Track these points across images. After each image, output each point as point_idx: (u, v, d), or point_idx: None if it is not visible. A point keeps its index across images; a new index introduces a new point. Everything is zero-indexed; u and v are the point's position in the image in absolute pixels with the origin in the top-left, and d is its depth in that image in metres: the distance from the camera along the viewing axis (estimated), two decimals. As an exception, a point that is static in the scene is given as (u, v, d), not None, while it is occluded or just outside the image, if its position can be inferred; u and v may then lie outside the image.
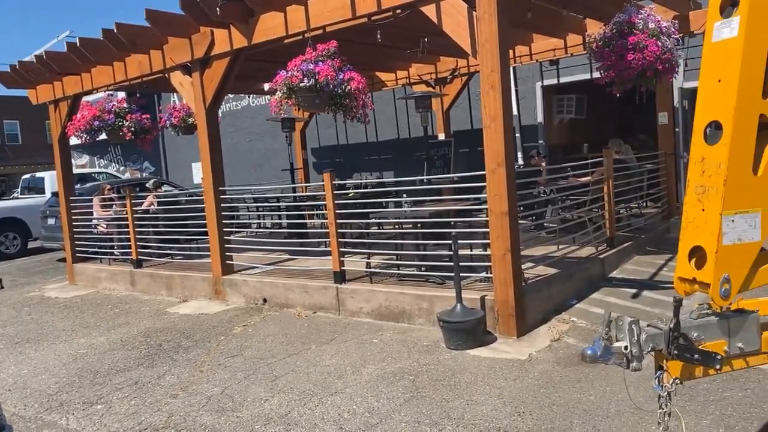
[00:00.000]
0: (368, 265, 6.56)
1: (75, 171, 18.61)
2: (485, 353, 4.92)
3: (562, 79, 11.21)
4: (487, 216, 5.34)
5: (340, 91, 6.01)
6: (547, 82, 11.44)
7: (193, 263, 8.33)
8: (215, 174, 7.53)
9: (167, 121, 11.48)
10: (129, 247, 8.93)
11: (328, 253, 6.53)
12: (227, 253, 7.60)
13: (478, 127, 12.59)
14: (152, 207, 9.60)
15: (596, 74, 11.04)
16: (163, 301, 8.06)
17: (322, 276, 6.76)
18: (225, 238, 7.59)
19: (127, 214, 8.80)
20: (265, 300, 7.13)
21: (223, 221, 7.60)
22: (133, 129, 8.46)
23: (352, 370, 4.81)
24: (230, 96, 16.85)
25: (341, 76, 5.98)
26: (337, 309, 6.42)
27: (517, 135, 11.72)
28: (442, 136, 11.54)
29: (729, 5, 2.21)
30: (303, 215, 9.33)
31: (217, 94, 7.34)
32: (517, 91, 11.70)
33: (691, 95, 10.14)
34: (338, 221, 6.42)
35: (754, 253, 2.29)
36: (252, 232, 11.61)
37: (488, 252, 5.40)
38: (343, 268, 6.47)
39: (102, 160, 21.53)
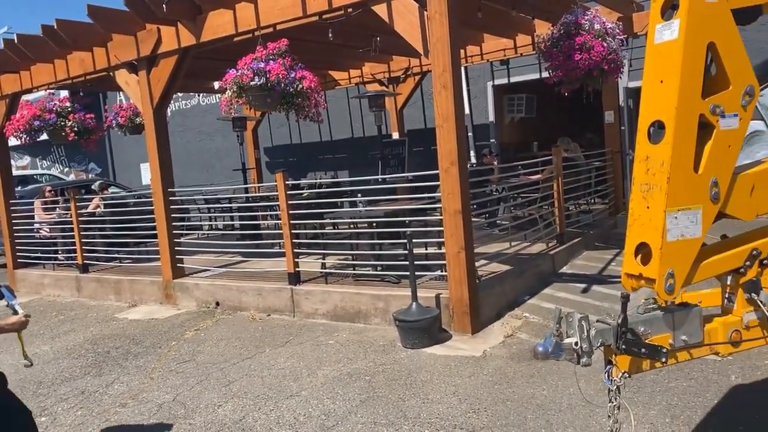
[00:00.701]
0: (323, 265, 6.52)
1: (15, 173, 17.84)
2: (441, 351, 4.95)
3: (513, 79, 11.40)
4: (441, 215, 5.37)
5: (291, 89, 5.94)
6: (498, 82, 11.61)
7: (142, 267, 8.10)
8: (164, 175, 7.34)
9: (113, 121, 11.15)
10: (74, 251, 8.60)
11: (283, 254, 6.45)
12: (178, 256, 7.42)
13: (432, 126, 12.64)
14: (98, 209, 9.29)
15: (545, 74, 11.32)
16: (111, 306, 7.80)
17: (277, 278, 6.68)
18: (175, 240, 7.40)
19: (71, 217, 8.48)
20: (217, 303, 6.99)
21: (174, 223, 7.41)
22: (76, 129, 8.15)
23: (307, 373, 4.76)
24: (179, 94, 16.48)
25: (292, 75, 5.91)
26: (292, 311, 6.35)
27: (470, 134, 11.86)
28: (396, 135, 11.57)
29: (669, 8, 2.27)
30: (256, 216, 9.19)
31: (165, 94, 7.15)
32: (469, 90, 11.84)
33: (635, 95, 10.47)
34: (292, 222, 6.34)
35: (696, 249, 2.36)
36: (204, 234, 11.39)
37: (443, 250, 5.43)
38: (297, 269, 6.40)
39: (45, 161, 20.72)
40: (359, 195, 6.01)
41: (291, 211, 6.32)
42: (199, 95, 16.05)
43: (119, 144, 17.57)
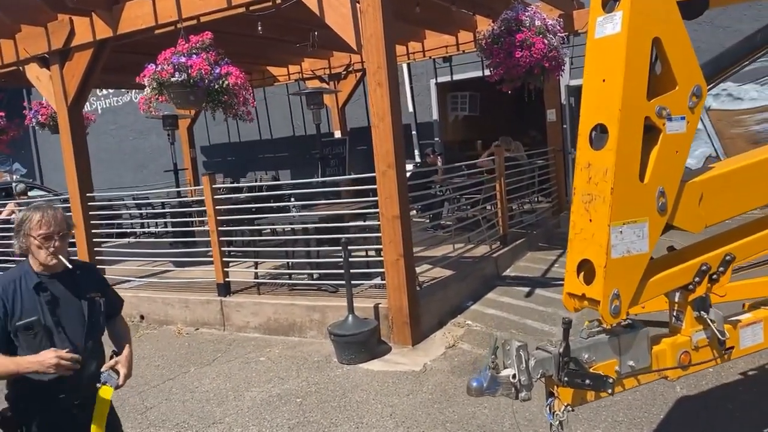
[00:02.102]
0: (256, 275, 6.11)
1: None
2: (379, 366, 4.65)
3: (456, 77, 11.22)
4: (379, 220, 5.07)
5: (216, 86, 5.51)
6: (440, 80, 11.41)
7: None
8: (81, 178, 6.77)
9: (33, 119, 10.38)
10: (-15, 262, 7.88)
11: (206, 259, 6.03)
12: (98, 267, 6.84)
13: (374, 124, 12.46)
14: (13, 216, 8.56)
15: (488, 71, 11.21)
16: (26, 322, 7.16)
17: (206, 288, 6.24)
18: (96, 249, 6.84)
19: (-20, 225, 7.77)
20: (142, 317, 6.49)
21: (94, 231, 6.85)
22: (-18, 128, 7.46)
23: (234, 395, 4.38)
24: (110, 90, 15.66)
25: (217, 71, 5.49)
26: (222, 324, 5.93)
27: (414, 132, 11.64)
28: (338, 134, 11.22)
29: None
30: (189, 221, 8.67)
31: (80, 90, 6.58)
32: (411, 87, 11.60)
33: (577, 93, 10.46)
34: (221, 228, 5.92)
35: (643, 266, 2.13)
36: (135, 239, 10.74)
37: (381, 257, 5.14)
38: (227, 279, 5.98)
39: (-36, 162, 19.34)
40: (292, 198, 5.63)
41: (220, 217, 5.89)
42: (131, 91, 15.23)
43: (47, 143, 16.54)
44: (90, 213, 6.79)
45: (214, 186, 5.83)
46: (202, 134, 13.97)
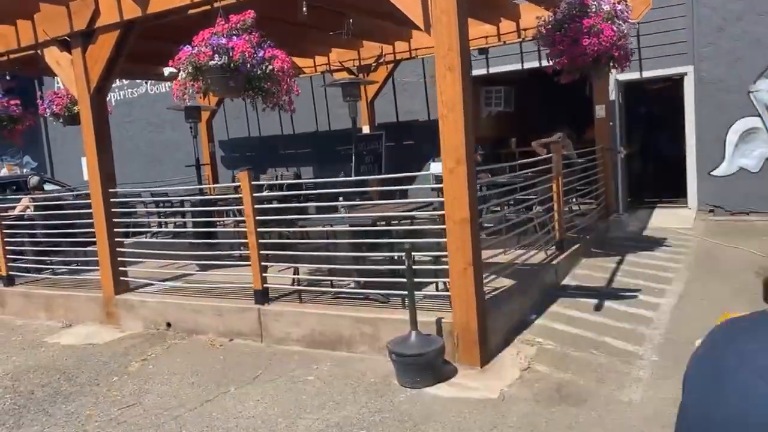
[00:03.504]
0: (297, 281, 5.54)
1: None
2: (448, 392, 4.07)
3: (492, 69, 10.63)
4: (442, 223, 4.50)
5: (259, 72, 4.94)
6: (475, 73, 10.79)
7: (78, 279, 6.93)
8: (104, 173, 6.22)
9: (48, 110, 9.83)
10: (-3, 260, 7.35)
11: (244, 263, 5.46)
12: (121, 268, 6.31)
13: (404, 119, 11.88)
14: (28, 211, 8.03)
15: (530, 64, 10.62)
16: (41, 327, 6.62)
17: (240, 294, 5.68)
18: (118, 250, 6.29)
19: (-7, 221, 7.23)
20: (169, 325, 5.93)
21: (117, 230, 6.30)
22: (-4, 117, 6.91)
23: (285, 424, 3.81)
24: (125, 82, 15.13)
25: (260, 54, 4.92)
26: (260, 335, 5.37)
27: (446, 128, 11.03)
28: (366, 129, 10.64)
29: None
30: (212, 218, 8.12)
31: (104, 76, 6.02)
32: (445, 81, 11.00)
33: (627, 88, 9.86)
34: (260, 229, 5.35)
35: None
36: (152, 235, 10.20)
37: (442, 266, 4.56)
38: (265, 285, 5.42)
39: (-27, 154, 18.85)
40: (340, 198, 5.06)
41: (259, 217, 5.32)
42: (147, 83, 14.71)
43: (58, 136, 16.04)
44: (113, 210, 6.23)
45: (253, 182, 5.25)
46: (221, 128, 13.43)
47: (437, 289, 5.17)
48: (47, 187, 11.82)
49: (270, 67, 4.93)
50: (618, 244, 7.92)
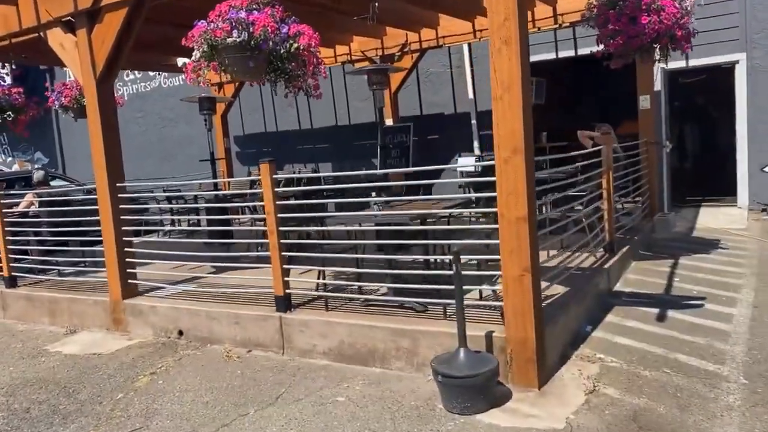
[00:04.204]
0: (323, 286, 4.97)
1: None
2: (504, 420, 3.48)
3: (524, 59, 9.97)
4: (493, 221, 3.91)
5: (283, 50, 4.38)
6: (506, 62, 10.15)
7: (84, 281, 6.41)
8: (111, 166, 5.69)
9: (57, 102, 9.35)
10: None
11: (262, 263, 4.92)
12: (129, 270, 5.78)
13: (429, 112, 11.24)
14: (33, 208, 7.54)
15: (565, 53, 9.97)
16: (44, 332, 6.12)
17: (259, 299, 5.13)
18: (126, 250, 5.76)
19: (-6, 218, 6.74)
20: (181, 333, 5.39)
21: (125, 228, 5.77)
22: (-3, 106, 6.42)
23: (315, 458, 3.25)
24: (138, 76, 14.68)
25: (285, 30, 4.35)
26: (281, 347, 4.81)
27: (473, 122, 10.44)
28: (390, 122, 10.06)
29: None
30: (228, 215, 7.59)
31: (111, 60, 5.49)
32: (472, 71, 10.40)
33: (670, 78, 9.19)
34: (282, 228, 4.79)
35: None
36: (165, 234, 9.71)
37: (497, 272, 3.97)
38: (288, 290, 4.85)
39: (-15, 150, 18.52)
40: (373, 194, 4.48)
41: (281, 215, 4.76)
42: (160, 76, 14.24)
43: (69, 130, 15.61)
44: (120, 207, 5.70)
45: (274, 176, 4.69)
46: (236, 123, 12.92)
47: (480, 297, 4.59)
48: (57, 183, 11.37)
49: (295, 45, 4.37)
50: (666, 245, 7.27)
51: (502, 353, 3.86)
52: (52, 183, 11.45)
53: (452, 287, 3.72)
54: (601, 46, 6.00)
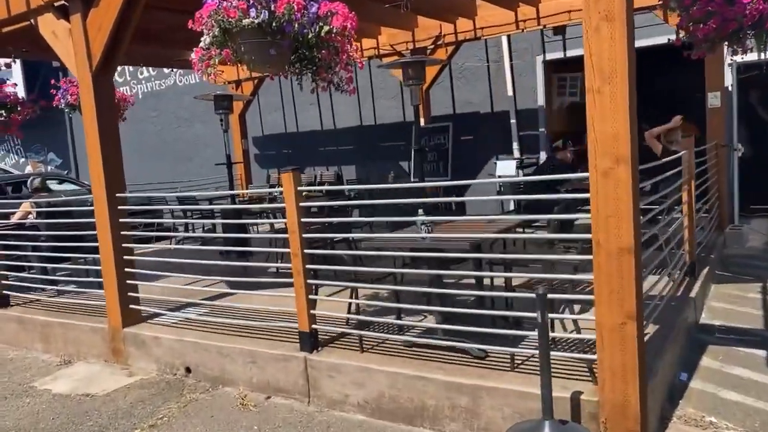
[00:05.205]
0: (356, 323, 4.13)
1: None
2: None
3: (570, 53, 9.07)
4: (582, 251, 3.04)
5: (311, 34, 3.55)
6: (550, 56, 9.26)
7: (81, 304, 5.65)
8: (110, 173, 4.91)
9: (62, 99, 8.69)
10: (-10, 276, 6.15)
11: (283, 280, 4.09)
12: (131, 293, 5.00)
13: (463, 111, 10.35)
14: (30, 218, 6.82)
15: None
16: (35, 362, 5.37)
17: (280, 332, 4.32)
18: (127, 270, 4.98)
19: (-15, 229, 6.03)
20: (188, 369, 4.60)
21: (125, 245, 4.99)
22: (-13, 104, 5.69)
23: None
24: (152, 72, 14.01)
25: (314, 9, 3.52)
26: (306, 394, 3.98)
27: (513, 121, 9.54)
28: (421, 122, 9.20)
29: None
30: (246, 227, 6.81)
31: (109, 48, 4.71)
32: (512, 66, 9.50)
33: (739, 72, 8.20)
34: (306, 251, 3.96)
35: None
36: (178, 241, 8.97)
37: (587, 315, 3.11)
38: (314, 326, 4.03)
39: (-3, 151, 18.03)
40: (420, 211, 3.63)
41: (308, 234, 3.93)
42: (175, 74, 13.53)
43: (82, 130, 14.98)
44: (120, 221, 4.92)
45: (300, 188, 3.86)
46: (255, 123, 12.16)
47: (552, 342, 3.71)
48: (64, 187, 10.69)
49: (326, 28, 3.54)
50: (745, 264, 6.33)
51: (592, 421, 2.99)
52: (61, 187, 10.80)
53: (517, 332, 2.88)
54: (682, 34, 5.13)
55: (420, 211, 3.64)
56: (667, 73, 9.06)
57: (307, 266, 3.96)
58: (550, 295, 2.78)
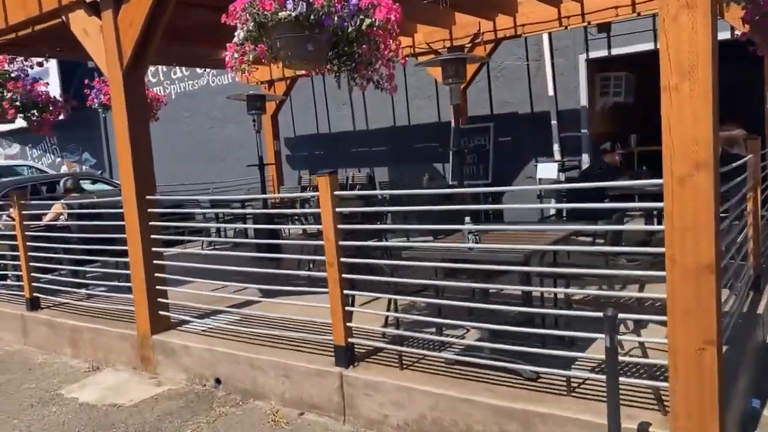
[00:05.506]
0: (394, 337, 3.87)
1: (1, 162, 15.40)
2: None
3: (614, 51, 8.67)
4: (654, 267, 2.73)
5: (351, 28, 3.31)
6: (594, 54, 8.87)
7: (111, 308, 5.51)
8: (140, 174, 4.76)
9: (96, 100, 8.66)
10: (20, 277, 6.08)
11: (316, 285, 3.85)
12: (160, 299, 4.83)
13: (501, 111, 10.00)
14: (61, 219, 6.74)
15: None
16: (63, 368, 5.25)
17: (313, 346, 4.09)
18: (157, 276, 4.81)
19: (16, 230, 5.94)
20: (218, 381, 4.40)
21: (155, 249, 4.82)
22: (18, 103, 5.58)
23: None
24: (185, 72, 14.00)
25: (354, 1, 3.28)
26: (342, 412, 3.74)
27: (554, 122, 9.17)
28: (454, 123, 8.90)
29: None
30: (278, 232, 6.61)
31: (140, 45, 4.55)
32: (553, 64, 9.14)
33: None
34: (343, 260, 3.72)
35: None
36: (208, 244, 8.86)
37: (658, 338, 2.80)
38: (350, 340, 3.78)
39: (35, 150, 18.31)
40: (467, 219, 3.35)
41: (344, 242, 3.69)
42: (208, 74, 13.49)
43: (116, 131, 15.08)
44: (150, 224, 4.76)
45: (336, 193, 3.62)
46: (287, 124, 12.00)
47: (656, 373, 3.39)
48: (98, 187, 10.69)
49: (368, 21, 3.29)
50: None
51: (663, 457, 2.68)
52: (95, 187, 10.80)
53: (576, 354, 2.58)
54: (744, 28, 4.76)
55: (467, 218, 3.36)
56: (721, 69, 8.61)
57: (344, 275, 3.72)
58: (620, 315, 2.47)
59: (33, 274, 5.95)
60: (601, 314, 2.52)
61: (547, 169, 8.09)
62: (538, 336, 3.52)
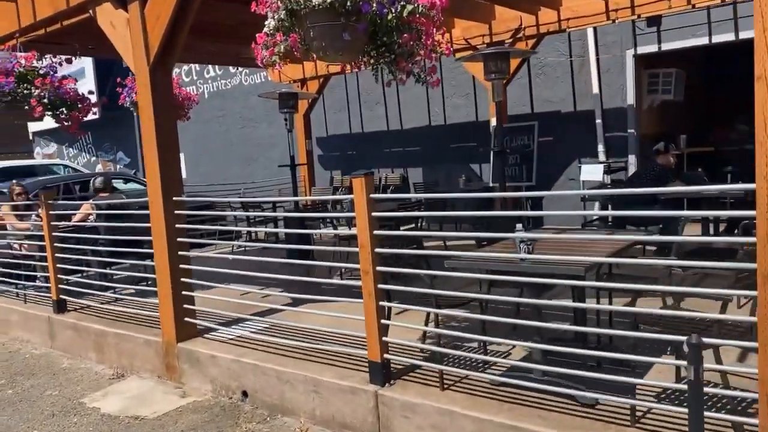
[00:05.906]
0: (433, 354, 3.56)
1: (37, 161, 15.60)
2: None
3: (665, 46, 8.19)
4: (741, 285, 2.37)
5: (391, 15, 3.01)
6: (642, 50, 8.40)
7: (137, 313, 5.33)
8: (167, 174, 4.54)
9: (128, 98, 8.53)
10: (48, 279, 5.96)
11: (347, 294, 3.56)
12: (186, 306, 4.61)
13: (542, 110, 9.56)
14: (90, 219, 6.62)
15: (721, 37, 8.09)
16: (88, 373, 5.08)
17: (346, 360, 3.80)
18: (183, 281, 4.59)
19: (43, 230, 5.81)
20: (245, 393, 4.15)
21: (181, 253, 4.60)
22: (47, 101, 5.44)
23: None
24: (218, 72, 13.93)
25: (395, -14, 2.98)
26: (377, 434, 3.45)
27: (598, 121, 8.73)
28: (493, 122, 8.54)
29: None
30: (309, 236, 6.36)
31: (168, 39, 4.33)
32: (598, 60, 8.69)
33: None
34: (378, 268, 3.42)
35: None
36: (238, 247, 8.67)
37: (743, 368, 2.43)
38: (386, 355, 3.48)
39: (71, 149, 18.52)
40: (519, 226, 3.02)
41: (380, 249, 3.39)
42: (241, 73, 13.38)
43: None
44: (177, 227, 4.54)
45: (373, 195, 3.33)
46: (319, 123, 11.79)
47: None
48: (129, 186, 10.63)
49: (409, 7, 2.98)
50: None
51: (750, 507, 2.31)
52: (127, 186, 10.75)
53: (636, 380, 2.21)
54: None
55: (518, 225, 3.03)
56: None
57: (380, 286, 3.42)
58: (705, 339, 2.11)
59: (60, 276, 5.81)
60: (679, 338, 2.17)
61: (591, 171, 7.66)
62: (591, 358, 3.18)
